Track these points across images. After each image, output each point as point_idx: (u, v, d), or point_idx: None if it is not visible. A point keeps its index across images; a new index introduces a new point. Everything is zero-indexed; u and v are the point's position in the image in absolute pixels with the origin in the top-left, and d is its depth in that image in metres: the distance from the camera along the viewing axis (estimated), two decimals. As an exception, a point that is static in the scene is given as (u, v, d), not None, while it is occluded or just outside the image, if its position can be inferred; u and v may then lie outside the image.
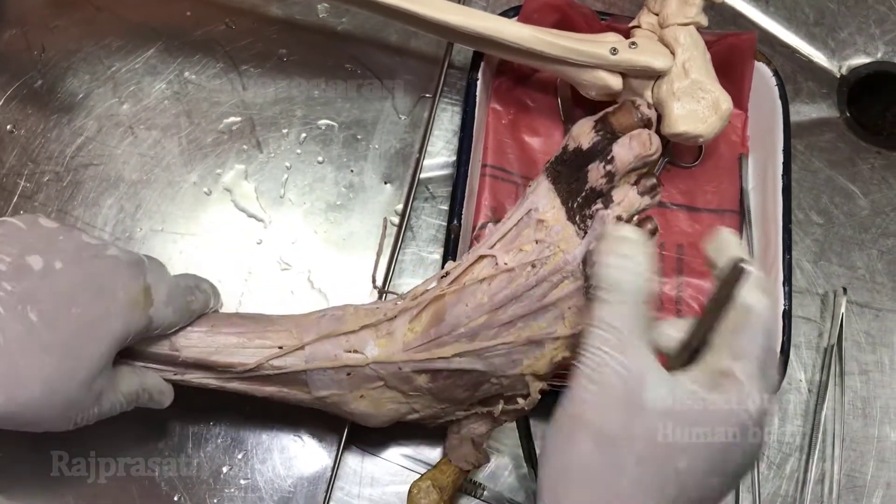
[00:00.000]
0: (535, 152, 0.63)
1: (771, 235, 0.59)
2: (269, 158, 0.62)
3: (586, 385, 0.36)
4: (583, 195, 0.44)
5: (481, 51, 0.60)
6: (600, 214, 0.43)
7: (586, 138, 0.44)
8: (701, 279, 0.60)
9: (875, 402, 0.61)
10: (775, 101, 0.61)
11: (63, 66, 0.62)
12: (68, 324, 0.39)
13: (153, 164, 0.61)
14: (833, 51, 0.70)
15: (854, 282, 0.64)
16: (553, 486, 0.36)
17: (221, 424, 0.55)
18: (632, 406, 0.35)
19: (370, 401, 0.47)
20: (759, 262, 0.59)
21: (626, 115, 0.44)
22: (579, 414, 0.36)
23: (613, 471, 0.35)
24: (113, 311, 0.41)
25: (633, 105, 0.44)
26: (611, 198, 0.43)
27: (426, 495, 0.49)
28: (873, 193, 0.66)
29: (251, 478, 0.54)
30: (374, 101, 0.64)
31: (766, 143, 0.62)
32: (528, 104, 0.64)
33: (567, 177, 0.44)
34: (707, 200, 0.63)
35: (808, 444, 0.59)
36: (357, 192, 0.61)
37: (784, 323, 0.55)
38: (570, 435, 0.36)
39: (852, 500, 0.59)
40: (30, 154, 0.60)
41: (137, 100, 0.62)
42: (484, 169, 0.62)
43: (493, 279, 0.44)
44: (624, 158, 0.43)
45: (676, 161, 0.63)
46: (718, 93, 0.57)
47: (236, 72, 0.64)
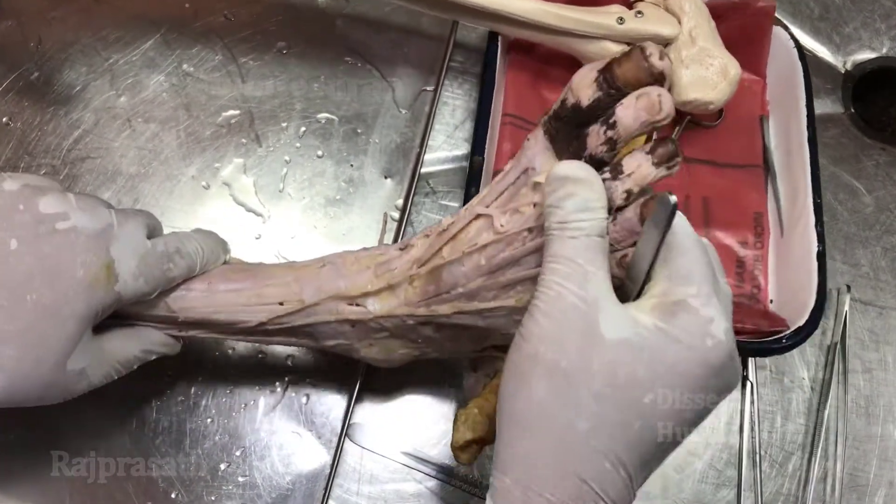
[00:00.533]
0: (554, 102, 0.63)
1: (799, 183, 0.58)
2: (269, 152, 0.61)
3: (541, 320, 0.34)
4: (583, 161, 0.38)
5: (486, 27, 0.60)
6: (606, 186, 0.37)
7: (586, 93, 0.38)
8: (732, 231, 0.60)
9: (878, 401, 0.60)
10: (795, 63, 0.61)
11: (60, 58, 0.62)
12: (26, 312, 0.38)
13: (151, 158, 0.60)
14: (838, 46, 0.70)
15: (858, 279, 0.63)
16: (510, 431, 0.34)
17: (219, 421, 0.54)
18: (589, 338, 0.33)
19: (380, 347, 0.46)
20: (787, 212, 0.60)
21: (634, 66, 0.37)
22: (533, 351, 0.33)
23: (571, 410, 0.32)
24: (72, 293, 0.39)
25: (643, 53, 0.37)
26: (620, 167, 0.38)
27: (473, 425, 0.45)
28: (878, 190, 0.66)
29: (249, 475, 0.53)
30: (375, 94, 0.63)
31: (787, 104, 0.61)
32: (548, 58, 0.64)
33: (565, 135, 0.39)
34: (731, 157, 0.63)
35: (811, 443, 0.59)
36: (357, 186, 0.61)
37: (819, 264, 0.55)
38: (523, 375, 0.33)
39: (855, 498, 0.58)
40: (26, 147, 0.59)
41: (135, 92, 0.61)
42: (504, 118, 0.61)
43: (491, 244, 0.41)
44: (628, 124, 0.37)
45: (698, 120, 0.63)
46: (726, 59, 0.57)
47: (235, 64, 0.63)
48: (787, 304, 0.57)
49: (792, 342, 0.53)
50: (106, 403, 0.54)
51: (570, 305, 0.33)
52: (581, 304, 0.33)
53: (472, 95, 0.64)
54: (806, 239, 0.56)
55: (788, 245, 0.59)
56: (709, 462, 0.58)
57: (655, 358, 0.33)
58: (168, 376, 0.55)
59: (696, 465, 0.58)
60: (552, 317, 0.33)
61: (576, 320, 0.33)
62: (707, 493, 0.57)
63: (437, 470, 0.55)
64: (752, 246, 0.60)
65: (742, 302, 0.59)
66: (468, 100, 0.64)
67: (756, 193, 0.62)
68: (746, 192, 0.62)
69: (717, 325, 0.34)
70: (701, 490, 0.57)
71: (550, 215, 0.36)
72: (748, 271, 0.60)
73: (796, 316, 0.55)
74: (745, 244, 0.60)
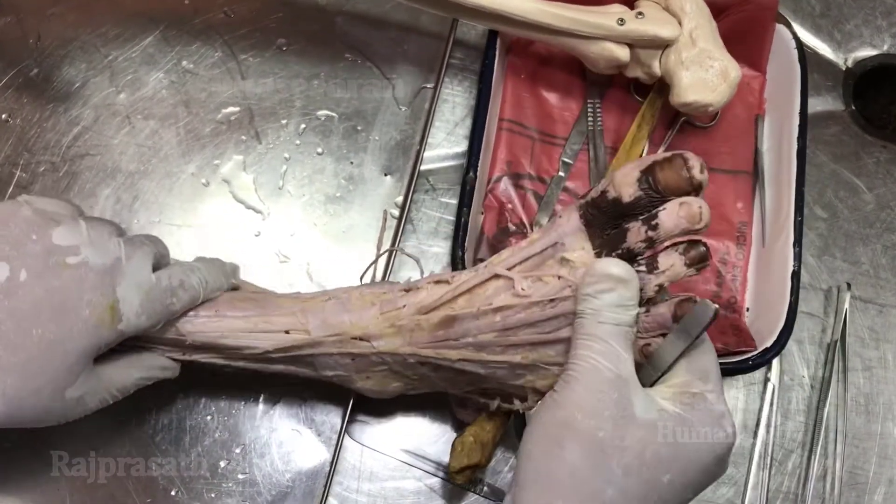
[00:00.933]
0: (552, 108, 0.63)
1: (783, 197, 0.59)
2: (268, 149, 0.61)
3: (579, 389, 0.37)
4: (618, 252, 0.41)
5: (485, 26, 0.60)
6: (641, 278, 0.41)
7: (628, 190, 0.41)
8: (715, 239, 0.61)
9: (878, 399, 0.60)
10: (794, 63, 0.61)
11: (59, 55, 0.62)
12: (30, 345, 0.38)
13: (151, 155, 0.60)
14: (839, 43, 0.70)
15: (858, 277, 0.63)
16: (537, 489, 0.36)
17: (219, 419, 0.54)
18: (624, 414, 0.36)
19: (375, 381, 0.48)
20: (770, 223, 0.60)
21: (675, 174, 0.40)
22: (570, 418, 0.36)
23: (601, 479, 0.35)
24: (77, 331, 0.40)
25: (686, 164, 0.40)
26: (656, 263, 0.41)
27: (469, 452, 0.49)
28: (878, 188, 0.66)
29: (249, 472, 0.54)
30: (375, 91, 0.63)
31: (783, 106, 0.62)
32: (547, 59, 0.64)
33: (601, 224, 0.42)
34: (721, 161, 0.63)
35: (811, 441, 0.59)
36: (357, 184, 0.61)
37: (792, 284, 0.55)
38: (558, 439, 0.36)
39: (854, 496, 0.58)
40: (25, 144, 0.59)
41: (135, 89, 0.61)
42: (501, 123, 0.62)
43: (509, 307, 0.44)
44: (669, 228, 0.40)
45: (693, 120, 0.63)
46: (727, 61, 0.57)
47: (235, 61, 0.63)
48: (761, 315, 0.58)
49: (757, 363, 0.55)
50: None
51: (608, 380, 0.37)
52: (617, 380, 0.37)
53: (472, 93, 0.64)
54: (784, 256, 0.57)
55: (768, 258, 0.59)
56: (708, 460, 0.58)
57: (677, 441, 0.37)
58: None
59: (696, 463, 0.58)
60: (591, 389, 0.37)
61: (613, 395, 0.37)
62: (706, 491, 0.57)
63: (436, 467, 0.55)
64: (734, 256, 0.60)
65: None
66: (468, 97, 0.64)
67: (742, 202, 0.62)
68: (733, 201, 0.62)
69: (727, 420, 0.39)
70: (700, 488, 0.57)
71: (586, 302, 0.39)
72: (727, 281, 0.60)
73: (767, 331, 0.56)
74: (728, 254, 0.61)
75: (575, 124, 0.63)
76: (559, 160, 0.62)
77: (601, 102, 0.63)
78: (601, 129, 0.63)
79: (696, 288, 0.60)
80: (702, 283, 0.60)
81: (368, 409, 0.56)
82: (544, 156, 0.62)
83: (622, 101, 0.64)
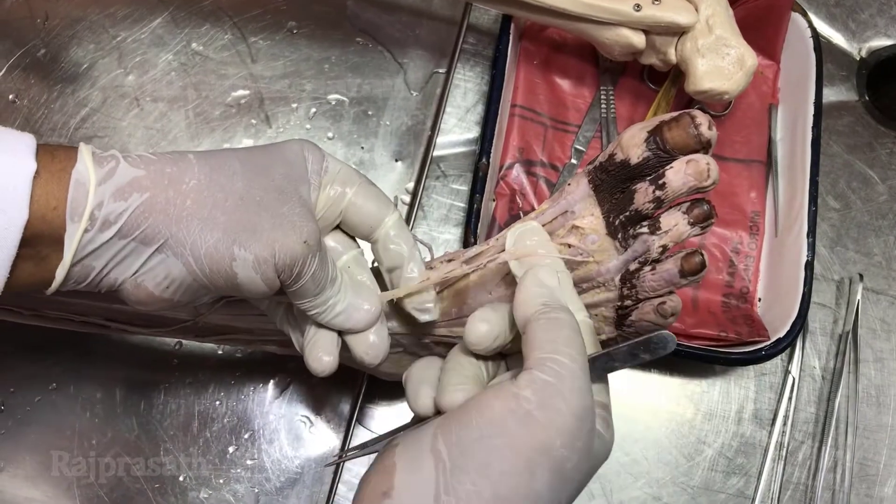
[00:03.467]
0: (565, 94, 0.63)
1: (797, 187, 0.58)
2: (278, 133, 0.60)
3: (563, 410, 0.32)
4: (627, 214, 0.40)
5: (499, 10, 0.59)
6: (644, 239, 0.40)
7: (636, 151, 0.39)
8: (728, 228, 0.60)
9: (889, 391, 0.60)
10: (809, 53, 0.61)
11: (67, 35, 0.61)
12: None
13: (159, 138, 0.59)
14: (853, 33, 0.69)
15: (870, 268, 0.63)
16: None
17: (228, 404, 0.54)
18: (589, 443, 0.33)
19: (391, 362, 0.47)
20: (783, 214, 0.60)
21: (683, 132, 0.39)
22: (549, 443, 0.31)
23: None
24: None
25: (692, 120, 0.39)
26: (658, 224, 0.40)
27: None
28: (891, 179, 0.65)
29: (258, 458, 0.53)
30: (386, 76, 0.62)
31: (798, 95, 0.61)
32: (560, 45, 0.63)
33: (610, 187, 0.41)
34: (735, 150, 0.62)
35: (821, 432, 0.59)
36: (367, 169, 0.60)
37: (806, 275, 0.55)
38: (532, 463, 0.31)
39: (864, 488, 0.58)
40: (32, 124, 0.58)
41: (143, 71, 0.61)
42: (513, 109, 0.61)
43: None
44: (676, 187, 0.39)
45: (707, 109, 0.63)
46: (743, 48, 0.56)
47: (245, 44, 0.62)
48: (773, 305, 0.58)
49: (770, 353, 0.54)
50: (114, 386, 0.54)
51: (588, 408, 0.32)
52: (590, 406, 0.32)
53: (485, 78, 0.63)
54: (797, 246, 0.56)
55: (781, 247, 0.59)
56: (719, 450, 0.58)
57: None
58: (176, 360, 0.54)
59: (707, 453, 0.57)
60: (575, 415, 0.32)
61: (588, 425, 0.32)
62: (717, 481, 0.57)
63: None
64: (746, 246, 0.60)
65: (730, 302, 0.59)
66: (480, 83, 0.63)
67: (756, 191, 0.61)
68: (746, 190, 0.61)
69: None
70: (710, 478, 0.57)
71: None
72: (740, 271, 0.59)
73: (780, 322, 0.55)
74: (740, 243, 0.60)
75: (588, 112, 0.62)
76: (571, 147, 0.61)
77: (614, 90, 0.63)
78: (614, 116, 0.62)
79: (708, 277, 0.59)
80: (714, 273, 0.59)
81: (378, 396, 0.55)
82: (556, 143, 0.61)
83: (635, 89, 0.63)
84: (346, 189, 0.40)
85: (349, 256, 0.42)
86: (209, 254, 0.34)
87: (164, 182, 0.33)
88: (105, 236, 0.32)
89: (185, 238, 0.33)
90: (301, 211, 0.36)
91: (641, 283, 0.40)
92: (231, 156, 0.36)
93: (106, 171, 0.32)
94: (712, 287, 0.59)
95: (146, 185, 0.33)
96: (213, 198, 0.34)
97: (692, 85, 0.56)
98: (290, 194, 0.36)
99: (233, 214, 0.34)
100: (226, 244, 0.34)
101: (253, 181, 0.35)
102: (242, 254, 0.34)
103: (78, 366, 0.54)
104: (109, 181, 0.32)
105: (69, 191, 0.32)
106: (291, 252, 0.35)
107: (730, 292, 0.59)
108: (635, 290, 0.40)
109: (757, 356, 0.54)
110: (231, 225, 0.34)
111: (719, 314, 0.58)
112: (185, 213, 0.33)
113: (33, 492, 0.51)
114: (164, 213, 0.33)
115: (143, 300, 0.35)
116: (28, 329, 0.45)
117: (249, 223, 0.34)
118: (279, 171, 0.37)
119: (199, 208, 0.33)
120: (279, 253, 0.35)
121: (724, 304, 0.59)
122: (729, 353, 0.55)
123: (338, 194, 0.40)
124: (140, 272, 0.34)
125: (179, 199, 0.33)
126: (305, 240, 0.35)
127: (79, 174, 0.32)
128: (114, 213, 0.32)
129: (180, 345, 0.55)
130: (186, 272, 0.34)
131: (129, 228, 0.33)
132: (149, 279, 0.34)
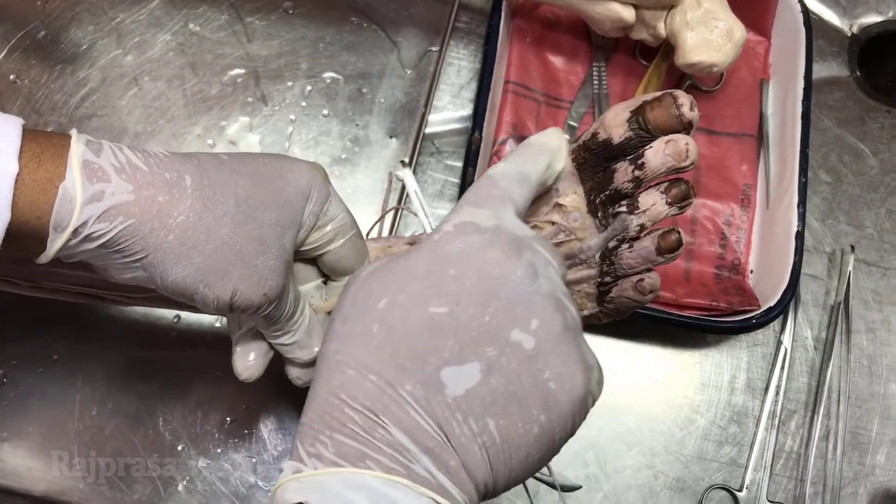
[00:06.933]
0: (557, 71, 0.63)
1: (788, 159, 0.59)
2: (274, 111, 0.61)
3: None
4: (607, 193, 0.41)
5: None
6: (622, 218, 0.40)
7: (618, 131, 0.40)
8: (719, 201, 0.61)
9: (881, 360, 0.61)
10: (799, 28, 0.61)
11: (67, 17, 0.62)
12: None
13: (157, 116, 0.60)
14: (844, 9, 0.70)
15: (862, 240, 0.63)
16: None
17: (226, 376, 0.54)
18: None
19: None
20: (774, 186, 0.60)
21: (664, 112, 0.39)
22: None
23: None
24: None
25: (675, 100, 0.39)
26: (636, 203, 0.40)
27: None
28: (882, 153, 0.66)
29: (256, 428, 0.54)
30: (380, 54, 0.63)
31: (788, 70, 0.62)
32: (554, 23, 0.64)
33: (592, 166, 0.41)
34: (726, 125, 0.63)
35: (814, 401, 0.59)
36: (362, 146, 0.61)
37: (796, 244, 0.56)
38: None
39: (857, 456, 0.58)
40: (33, 104, 0.59)
41: (142, 51, 0.62)
42: (506, 85, 0.62)
43: None
44: (655, 167, 0.39)
45: (698, 84, 0.63)
46: (731, 21, 0.57)
47: (241, 24, 0.63)
48: (765, 276, 0.58)
49: (761, 322, 0.55)
50: (114, 358, 0.55)
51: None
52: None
53: (477, 56, 0.64)
54: (788, 217, 0.57)
55: (772, 219, 0.59)
56: (712, 419, 0.58)
57: None
58: (175, 332, 0.55)
59: (699, 423, 0.58)
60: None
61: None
62: (709, 450, 0.57)
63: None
64: (738, 218, 0.61)
65: (722, 274, 0.59)
66: (473, 60, 0.64)
67: (747, 165, 0.62)
68: (737, 164, 0.62)
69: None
70: (703, 447, 0.58)
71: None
72: (731, 243, 0.60)
73: (771, 291, 0.56)
74: (732, 216, 0.61)
75: (580, 88, 0.63)
76: (564, 123, 0.62)
77: (606, 66, 0.64)
78: (606, 92, 0.63)
79: (700, 249, 0.60)
80: (707, 245, 0.60)
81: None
82: (549, 118, 0.62)
83: (627, 65, 0.64)
84: (337, 238, 0.41)
85: (313, 285, 0.44)
86: (175, 282, 0.35)
87: (152, 212, 0.34)
88: (86, 246, 0.33)
89: (158, 264, 0.34)
90: (274, 265, 0.37)
91: (620, 260, 0.41)
92: (229, 192, 0.36)
93: (94, 192, 0.33)
94: (704, 259, 0.60)
95: (133, 211, 0.33)
96: (195, 238, 0.35)
97: (682, 58, 0.57)
98: (271, 245, 0.37)
99: (209, 258, 0.35)
100: (193, 281, 0.35)
101: (239, 228, 0.36)
102: (205, 291, 0.35)
103: (79, 339, 0.55)
104: (97, 203, 0.33)
105: (55, 205, 0.32)
106: (248, 300, 0.36)
107: (722, 264, 0.60)
108: (614, 268, 0.41)
109: (748, 324, 0.55)
110: (204, 268, 0.35)
111: (711, 285, 0.59)
112: (165, 246, 0.34)
113: (35, 462, 0.52)
114: (144, 240, 0.34)
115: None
116: (30, 303, 0.46)
117: (221, 269, 0.35)
118: (272, 215, 0.37)
119: (179, 245, 0.34)
120: (238, 298, 0.36)
121: (717, 275, 0.59)
122: (720, 322, 0.55)
123: (327, 240, 0.41)
124: (113, 268, 0.36)
125: (163, 232, 0.34)
126: (266, 293, 0.37)
127: (66, 190, 0.32)
128: (97, 232, 0.33)
129: (178, 318, 0.56)
130: (151, 281, 0.35)
131: (109, 243, 0.34)
132: (118, 274, 0.36)
